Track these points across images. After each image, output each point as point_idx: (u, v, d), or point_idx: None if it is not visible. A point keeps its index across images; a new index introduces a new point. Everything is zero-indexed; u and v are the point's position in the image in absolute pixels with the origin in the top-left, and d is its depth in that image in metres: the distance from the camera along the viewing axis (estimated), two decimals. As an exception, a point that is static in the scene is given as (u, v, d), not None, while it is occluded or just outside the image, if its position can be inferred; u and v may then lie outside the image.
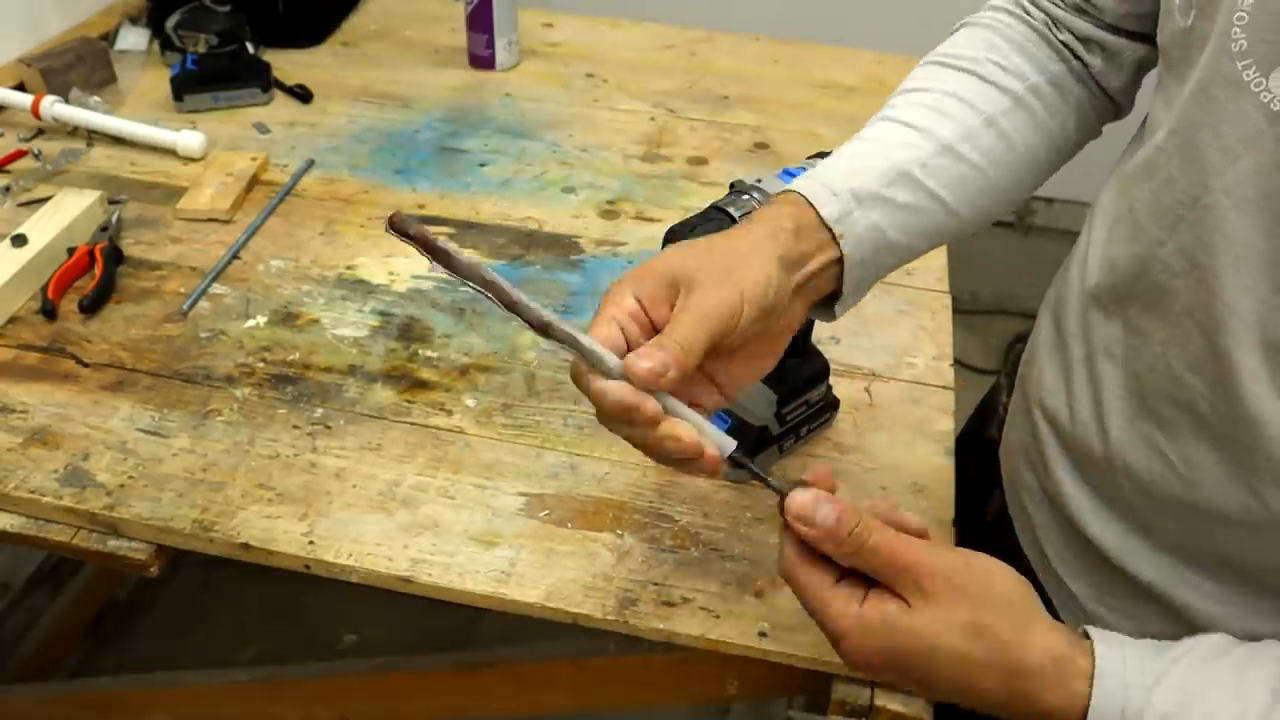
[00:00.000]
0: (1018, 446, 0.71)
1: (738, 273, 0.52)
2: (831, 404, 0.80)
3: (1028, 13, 0.67)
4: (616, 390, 0.49)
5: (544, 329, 0.50)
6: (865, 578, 0.49)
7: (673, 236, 0.63)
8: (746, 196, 0.65)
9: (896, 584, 0.48)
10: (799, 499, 0.49)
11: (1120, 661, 0.47)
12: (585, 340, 0.49)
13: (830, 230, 0.56)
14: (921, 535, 0.51)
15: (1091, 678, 0.46)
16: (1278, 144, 0.46)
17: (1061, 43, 0.65)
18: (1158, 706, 0.45)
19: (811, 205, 0.56)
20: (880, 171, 0.58)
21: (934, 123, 0.61)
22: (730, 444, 0.52)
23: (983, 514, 0.78)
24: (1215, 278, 0.50)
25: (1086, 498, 0.63)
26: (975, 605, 0.47)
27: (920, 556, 0.48)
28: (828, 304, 0.60)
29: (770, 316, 0.54)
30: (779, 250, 0.54)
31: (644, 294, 0.52)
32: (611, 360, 0.49)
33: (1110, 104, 0.68)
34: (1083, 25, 0.65)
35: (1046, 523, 0.68)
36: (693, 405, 0.53)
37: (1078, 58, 0.65)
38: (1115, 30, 0.65)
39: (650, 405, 0.49)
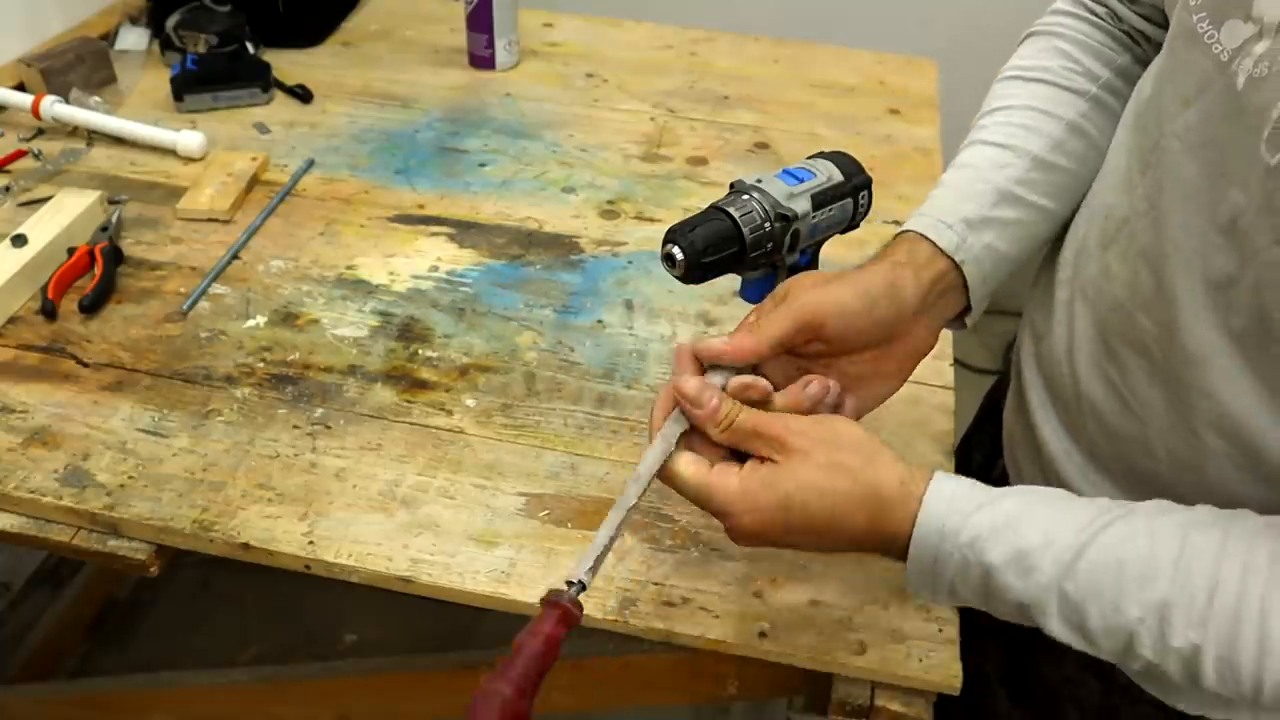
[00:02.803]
0: (1012, 403, 0.75)
1: (835, 285, 0.59)
2: (832, 404, 0.81)
3: (1091, 11, 0.71)
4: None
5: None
6: (737, 462, 0.55)
7: (672, 236, 0.63)
8: (746, 196, 0.65)
9: (763, 449, 0.54)
10: (690, 385, 0.55)
11: (952, 487, 0.52)
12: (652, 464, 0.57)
13: (951, 259, 0.62)
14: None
15: (922, 498, 0.51)
16: (1223, 93, 0.49)
17: (1124, 32, 0.70)
18: (974, 527, 0.50)
19: (930, 240, 0.62)
20: (984, 195, 0.64)
21: (1023, 139, 0.66)
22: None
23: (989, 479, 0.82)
24: (1165, 216, 0.54)
25: (1061, 441, 0.66)
26: (830, 449, 0.53)
27: (779, 422, 0.54)
28: (958, 318, 0.67)
29: (874, 323, 0.59)
30: (891, 278, 0.60)
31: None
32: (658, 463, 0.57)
33: None
34: (1134, 17, 0.68)
35: (1033, 475, 0.71)
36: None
37: (1139, 45, 0.69)
38: (1155, 20, 0.67)
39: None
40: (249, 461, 0.75)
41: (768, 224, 0.64)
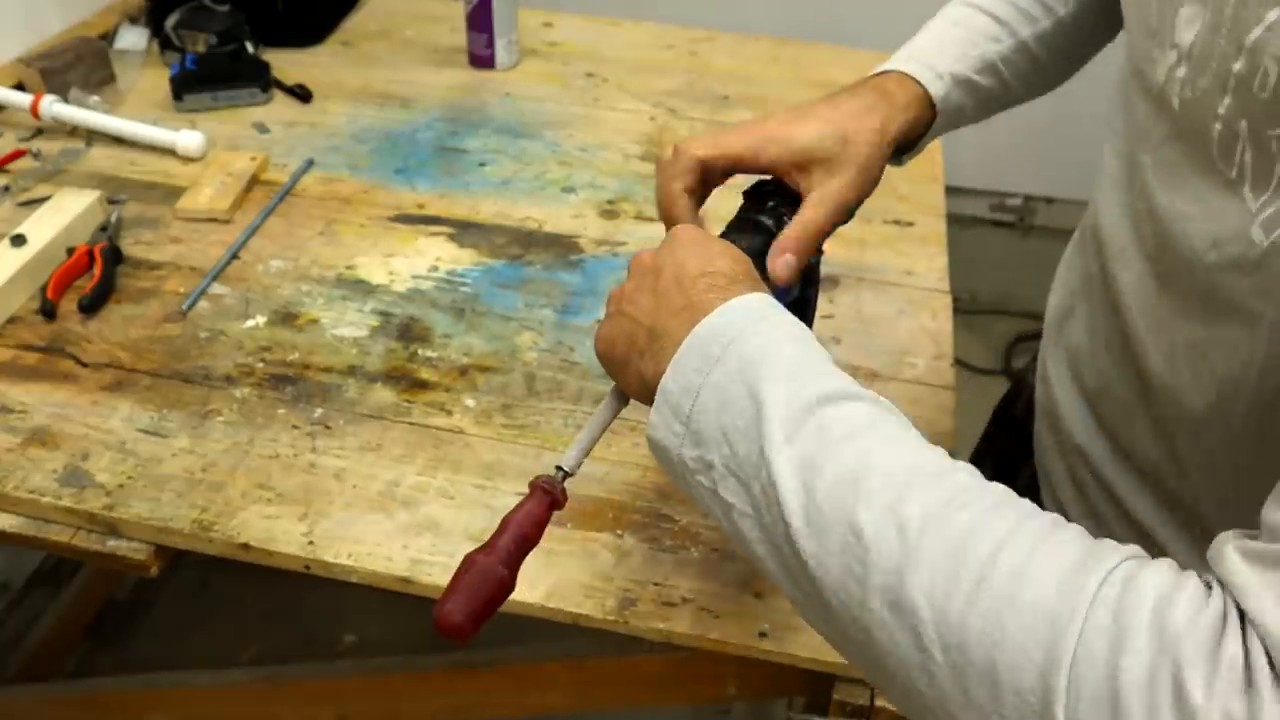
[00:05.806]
0: (1042, 402, 0.75)
1: (857, 157, 0.63)
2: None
3: None
4: None
5: None
6: None
7: None
8: (773, 204, 0.64)
9: None
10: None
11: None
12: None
13: (933, 107, 0.68)
14: None
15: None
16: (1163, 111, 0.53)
17: None
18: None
19: (919, 83, 0.68)
20: (972, 60, 0.71)
21: (1017, 21, 0.73)
22: None
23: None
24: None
25: (1082, 421, 0.68)
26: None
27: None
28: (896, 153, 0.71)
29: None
30: (884, 123, 0.64)
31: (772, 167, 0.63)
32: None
33: None
34: None
35: (1060, 474, 0.71)
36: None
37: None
38: None
39: None
40: (249, 461, 0.75)
41: None
